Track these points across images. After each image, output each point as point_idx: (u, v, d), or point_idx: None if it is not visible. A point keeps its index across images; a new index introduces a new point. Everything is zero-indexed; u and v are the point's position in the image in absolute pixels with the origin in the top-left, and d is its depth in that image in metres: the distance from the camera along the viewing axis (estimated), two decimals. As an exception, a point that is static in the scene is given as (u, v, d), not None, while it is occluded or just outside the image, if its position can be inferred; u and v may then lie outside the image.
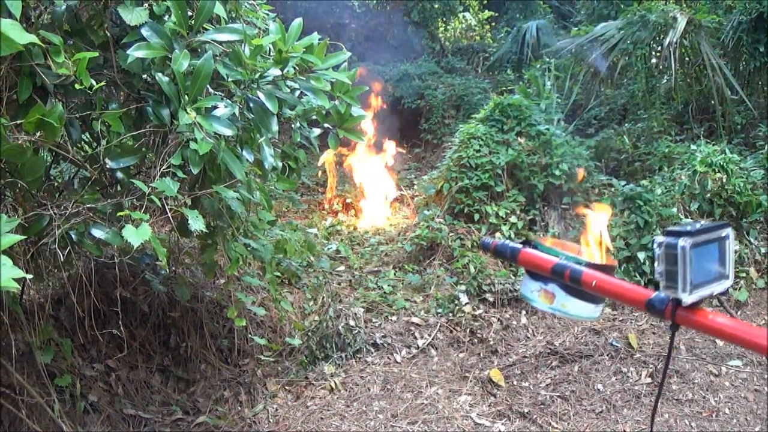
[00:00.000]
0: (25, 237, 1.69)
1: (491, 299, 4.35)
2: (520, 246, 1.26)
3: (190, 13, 1.92)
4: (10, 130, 1.68)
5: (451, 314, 4.21)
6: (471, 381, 3.57)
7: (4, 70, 1.68)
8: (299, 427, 3.17)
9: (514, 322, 4.21)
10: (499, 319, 4.20)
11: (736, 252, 4.78)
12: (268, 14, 2.35)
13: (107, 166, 2.03)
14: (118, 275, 2.78)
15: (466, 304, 4.27)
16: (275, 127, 2.17)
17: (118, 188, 2.16)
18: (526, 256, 1.24)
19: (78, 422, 2.81)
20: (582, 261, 1.17)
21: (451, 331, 4.09)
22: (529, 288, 1.24)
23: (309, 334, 3.86)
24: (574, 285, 1.11)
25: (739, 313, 4.36)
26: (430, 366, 3.75)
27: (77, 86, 1.68)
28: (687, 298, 0.92)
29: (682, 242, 0.91)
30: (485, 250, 1.36)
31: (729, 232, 0.97)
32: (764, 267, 4.81)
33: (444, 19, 11.38)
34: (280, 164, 2.57)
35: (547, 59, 7.49)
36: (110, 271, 2.87)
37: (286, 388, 3.51)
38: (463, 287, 4.42)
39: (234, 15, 2.18)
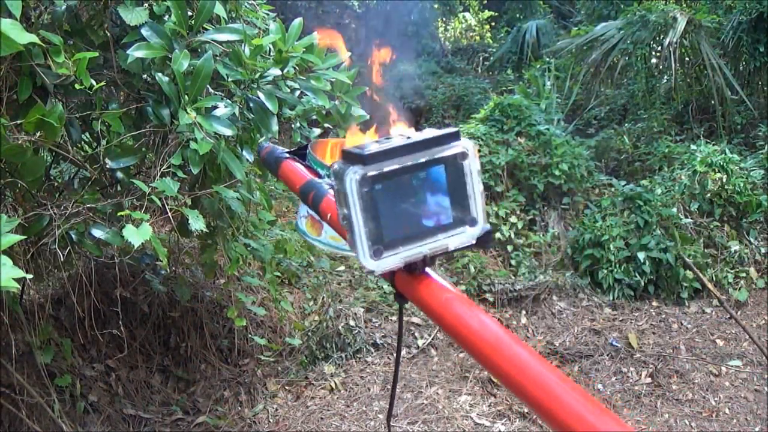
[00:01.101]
0: (25, 237, 1.69)
1: (491, 299, 4.35)
2: (285, 155, 1.04)
3: (190, 13, 1.92)
4: (10, 130, 1.68)
5: (451, 314, 4.21)
6: (471, 381, 3.57)
7: (4, 70, 1.68)
8: (299, 427, 3.17)
9: (514, 322, 4.21)
10: (499, 319, 4.20)
11: (736, 252, 4.78)
12: (268, 14, 2.35)
13: (107, 166, 2.03)
14: (118, 275, 2.78)
15: (466, 304, 4.27)
16: (275, 127, 2.17)
17: (118, 188, 2.16)
18: (286, 170, 1.01)
19: (78, 422, 2.81)
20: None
21: (451, 331, 4.08)
22: (299, 213, 1.08)
23: (309, 334, 3.86)
24: (315, 213, 0.88)
25: (739, 313, 4.36)
26: (430, 366, 3.75)
27: (77, 86, 1.68)
28: (375, 266, 0.63)
29: (353, 174, 0.60)
30: (259, 157, 1.18)
31: (465, 145, 0.63)
32: (764, 267, 4.81)
33: (444, 19, 11.38)
34: (280, 164, 2.57)
35: (547, 59, 7.50)
36: (110, 271, 2.87)
37: (286, 388, 3.50)
38: (463, 287, 4.42)
39: (234, 15, 2.18)
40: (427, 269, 0.67)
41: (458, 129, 0.62)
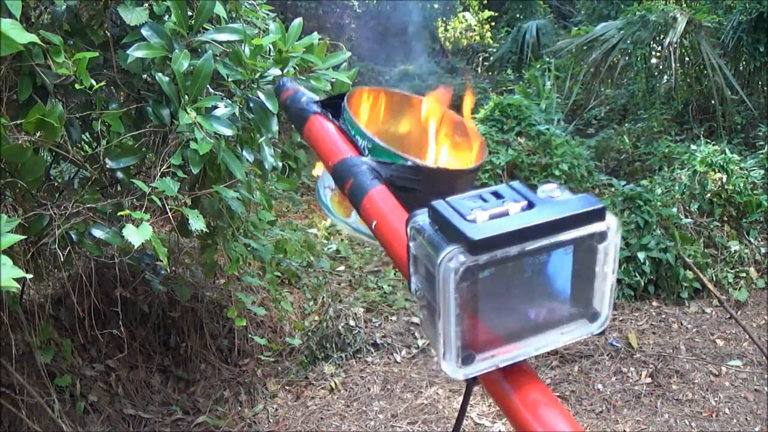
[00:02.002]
0: (25, 237, 1.69)
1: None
2: (314, 107, 0.82)
3: (190, 13, 1.92)
4: (10, 130, 1.68)
5: (451, 314, 4.21)
6: (471, 381, 3.57)
7: (4, 70, 1.68)
8: (299, 427, 3.17)
9: (514, 322, 4.21)
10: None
11: (736, 252, 4.78)
12: (268, 14, 2.35)
13: (107, 166, 2.03)
14: (118, 275, 2.78)
15: (466, 304, 4.27)
16: (275, 127, 2.17)
17: (118, 188, 2.16)
18: (314, 132, 0.80)
19: (78, 422, 2.81)
20: (400, 159, 0.72)
21: (451, 331, 4.08)
22: (323, 182, 0.85)
23: (309, 334, 3.86)
24: (355, 207, 0.69)
25: (739, 313, 4.36)
26: (430, 366, 3.75)
27: (77, 86, 1.68)
28: (460, 374, 0.48)
29: (452, 262, 0.44)
30: (278, 100, 0.96)
31: (609, 224, 0.49)
32: (764, 267, 4.81)
33: (444, 19, 11.38)
34: (280, 164, 2.57)
35: (547, 59, 7.50)
36: (110, 271, 2.87)
37: (286, 388, 3.50)
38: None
39: (234, 15, 2.18)
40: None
41: (603, 204, 0.48)
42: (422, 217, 0.50)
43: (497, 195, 0.50)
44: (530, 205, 0.48)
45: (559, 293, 0.50)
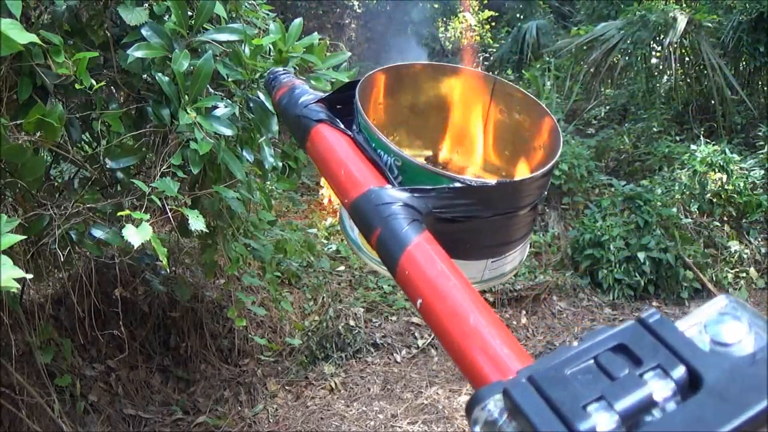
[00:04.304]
0: (25, 237, 1.69)
1: (491, 299, 4.35)
2: (319, 112, 0.63)
3: (190, 13, 1.92)
4: (10, 130, 1.68)
5: (451, 314, 4.21)
6: (471, 381, 3.57)
7: (4, 70, 1.68)
8: (299, 427, 3.17)
9: (514, 322, 4.21)
10: (499, 319, 4.20)
11: (736, 252, 4.78)
12: (268, 14, 2.35)
13: (107, 166, 2.03)
14: (118, 275, 2.78)
15: (466, 304, 4.28)
16: (275, 127, 2.17)
17: (118, 188, 2.16)
18: (320, 149, 0.61)
19: (78, 422, 2.81)
20: (443, 179, 0.54)
21: (451, 331, 4.09)
22: (347, 213, 0.61)
23: (309, 334, 3.86)
24: (385, 268, 0.52)
25: (739, 313, 4.36)
26: (430, 366, 3.75)
27: (77, 86, 1.68)
28: None
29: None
30: (270, 97, 0.76)
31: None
32: (764, 267, 4.81)
33: (444, 19, 11.38)
34: (280, 164, 2.57)
35: (547, 59, 7.49)
36: (110, 271, 2.87)
37: (286, 388, 3.50)
38: (463, 287, 4.42)
39: (234, 15, 2.18)
40: None
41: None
42: (495, 404, 0.30)
43: (624, 355, 0.29)
44: (694, 383, 0.27)
45: None
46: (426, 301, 0.46)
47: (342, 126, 0.62)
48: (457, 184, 0.53)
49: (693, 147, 5.45)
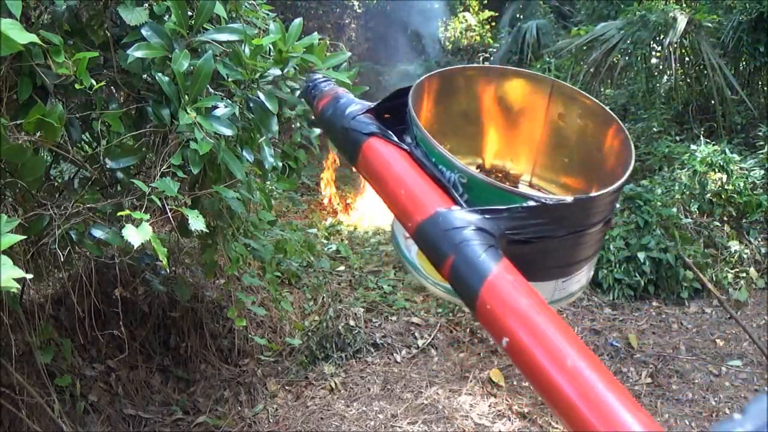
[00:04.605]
0: (25, 237, 1.69)
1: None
2: (369, 125, 0.56)
3: (190, 13, 1.92)
4: (10, 130, 1.68)
5: (451, 314, 4.21)
6: (471, 381, 3.57)
7: (4, 70, 1.68)
8: (299, 427, 3.17)
9: (514, 322, 4.21)
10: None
11: (736, 252, 4.78)
12: (268, 14, 2.35)
13: (107, 166, 2.03)
14: (118, 275, 2.78)
15: (466, 304, 4.28)
16: (275, 127, 2.17)
17: (118, 188, 2.16)
18: (373, 163, 0.54)
19: (78, 422, 2.81)
20: (516, 198, 0.48)
21: (451, 331, 4.08)
22: (400, 229, 0.58)
23: (309, 334, 3.86)
24: (463, 297, 0.47)
25: (739, 313, 4.36)
26: (430, 366, 3.75)
27: (77, 86, 1.68)
28: None
29: None
30: (308, 104, 0.71)
31: None
32: (764, 267, 4.81)
33: (444, 19, 11.38)
34: (280, 164, 2.57)
35: (547, 59, 7.50)
36: (110, 271, 2.87)
37: (286, 388, 3.50)
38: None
39: (234, 15, 2.18)
40: None
41: None
42: None
43: None
44: None
45: None
46: (514, 340, 0.41)
47: (395, 139, 0.56)
48: (531, 203, 0.49)
49: (693, 147, 5.45)
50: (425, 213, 0.49)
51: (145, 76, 1.99)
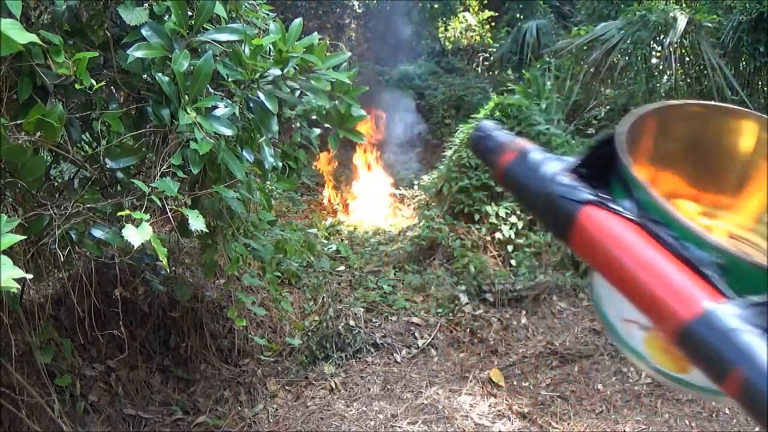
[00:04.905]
0: (25, 237, 1.69)
1: (491, 299, 4.35)
2: (583, 192, 0.47)
3: (190, 13, 1.92)
4: (10, 130, 1.68)
5: (451, 314, 4.21)
6: (471, 381, 3.57)
7: (4, 70, 1.68)
8: (299, 427, 3.17)
9: (514, 322, 4.21)
10: (499, 319, 4.20)
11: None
12: (268, 14, 2.35)
13: (107, 166, 2.03)
14: (118, 275, 2.78)
15: (466, 304, 4.27)
16: (275, 127, 2.17)
17: (118, 188, 2.16)
18: (595, 242, 0.45)
19: (78, 422, 2.81)
20: None
21: (451, 331, 4.08)
22: (616, 310, 0.49)
23: (309, 334, 3.86)
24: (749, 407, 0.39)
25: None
26: (430, 366, 3.75)
27: (77, 86, 1.68)
28: None
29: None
30: (480, 154, 0.61)
31: None
32: (764, 267, 4.81)
33: (444, 19, 11.39)
34: (280, 164, 2.58)
35: (547, 59, 7.50)
36: (110, 271, 2.87)
37: (286, 388, 3.50)
38: (463, 287, 4.42)
39: (234, 15, 2.18)
40: None
41: None
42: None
43: None
44: None
45: None
46: None
47: (617, 207, 0.45)
48: None
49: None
50: (691, 310, 0.40)
51: (145, 76, 1.99)
